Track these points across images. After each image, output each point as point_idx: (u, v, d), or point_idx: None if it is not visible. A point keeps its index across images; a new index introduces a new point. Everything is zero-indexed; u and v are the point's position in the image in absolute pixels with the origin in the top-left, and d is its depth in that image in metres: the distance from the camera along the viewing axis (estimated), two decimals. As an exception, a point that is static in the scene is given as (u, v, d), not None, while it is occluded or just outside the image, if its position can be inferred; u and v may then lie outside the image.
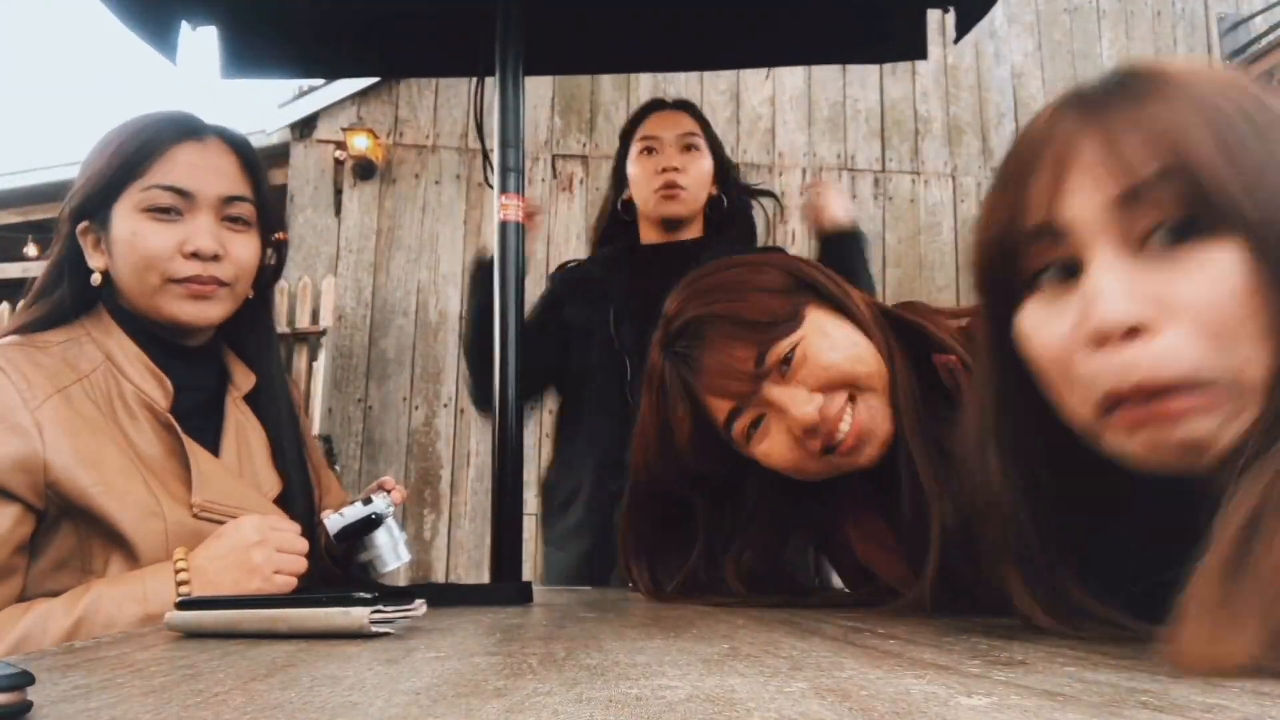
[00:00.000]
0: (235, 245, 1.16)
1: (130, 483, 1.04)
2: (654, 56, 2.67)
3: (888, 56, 2.41)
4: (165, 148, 1.13)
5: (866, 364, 0.94)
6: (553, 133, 5.28)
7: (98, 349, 1.12)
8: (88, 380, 1.08)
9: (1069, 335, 0.57)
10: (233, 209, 1.16)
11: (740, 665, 0.52)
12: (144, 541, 1.03)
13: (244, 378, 1.25)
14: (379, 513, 1.22)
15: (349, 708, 0.42)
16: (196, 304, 1.14)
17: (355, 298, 5.00)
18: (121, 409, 1.09)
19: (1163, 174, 0.54)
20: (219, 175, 1.15)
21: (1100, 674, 0.47)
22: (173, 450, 1.10)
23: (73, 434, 1.02)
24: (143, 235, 1.11)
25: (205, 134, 1.16)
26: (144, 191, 1.11)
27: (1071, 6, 5.84)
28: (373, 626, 0.70)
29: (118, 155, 1.12)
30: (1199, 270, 0.53)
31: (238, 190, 1.16)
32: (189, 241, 1.11)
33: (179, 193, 1.12)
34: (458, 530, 4.89)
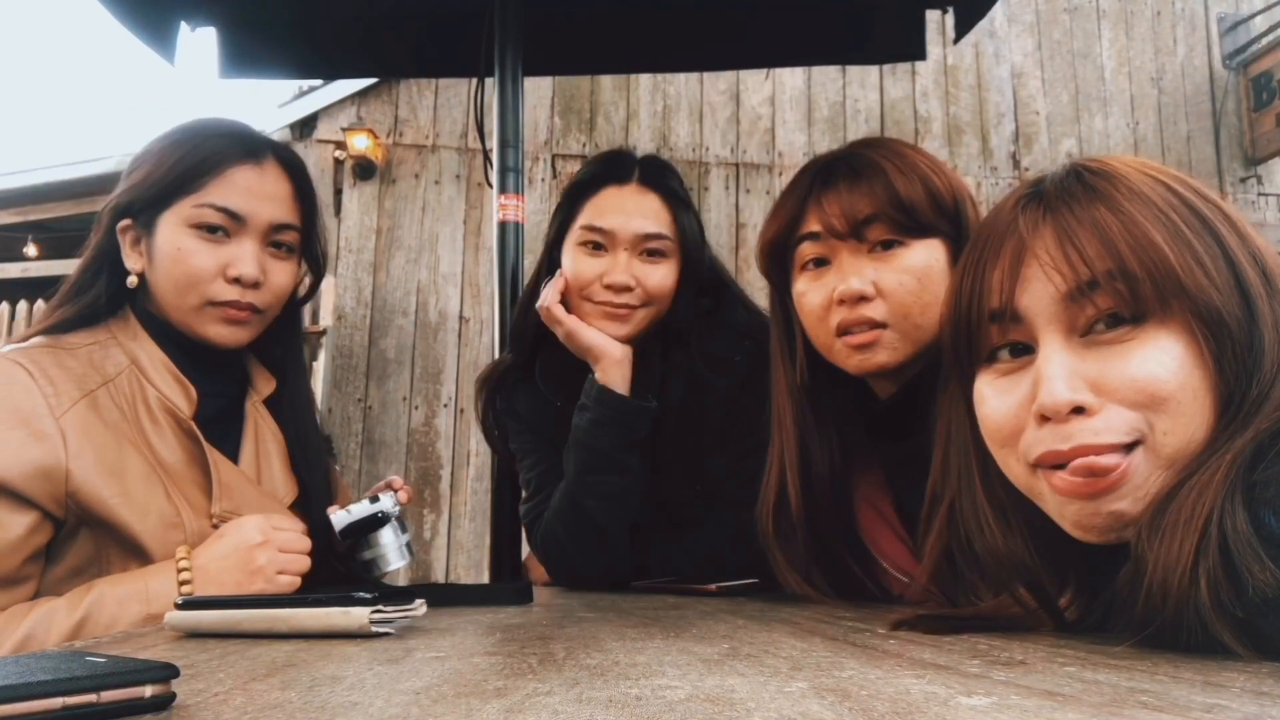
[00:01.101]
0: (276, 272, 1.16)
1: (151, 493, 1.04)
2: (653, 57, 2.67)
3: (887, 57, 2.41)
4: (224, 167, 1.12)
5: (927, 311, 1.00)
6: (553, 133, 5.28)
7: (124, 353, 1.12)
8: (113, 384, 1.08)
9: (1017, 409, 0.67)
10: (280, 236, 1.16)
11: (740, 665, 0.52)
12: (163, 552, 1.03)
13: (265, 382, 1.25)
14: (385, 511, 1.22)
15: (349, 708, 0.42)
16: (230, 328, 1.14)
17: (355, 298, 5.00)
18: (145, 414, 1.09)
19: (1107, 274, 0.63)
20: (273, 202, 1.15)
21: (1100, 674, 0.47)
22: (194, 457, 1.10)
23: (96, 442, 1.02)
24: (188, 252, 1.11)
25: (264, 157, 1.16)
26: (197, 208, 1.11)
27: (1071, 6, 5.84)
28: (373, 626, 0.70)
29: (178, 164, 1.12)
30: (1136, 354, 0.62)
31: (288, 218, 1.17)
32: (233, 265, 1.12)
33: (232, 215, 1.12)
34: (458, 530, 4.89)
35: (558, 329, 1.39)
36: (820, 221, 1.03)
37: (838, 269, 1.02)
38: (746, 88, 5.48)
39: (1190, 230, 0.64)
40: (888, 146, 1.06)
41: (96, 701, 0.41)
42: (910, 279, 1.00)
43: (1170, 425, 0.62)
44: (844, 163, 1.04)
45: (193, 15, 2.02)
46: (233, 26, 2.10)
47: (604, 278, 1.37)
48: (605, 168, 1.44)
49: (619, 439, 1.35)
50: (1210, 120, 5.82)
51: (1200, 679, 0.45)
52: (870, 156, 1.03)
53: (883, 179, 1.01)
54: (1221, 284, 0.62)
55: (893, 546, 1.06)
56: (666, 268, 1.40)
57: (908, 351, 1.01)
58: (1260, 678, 0.46)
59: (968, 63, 5.63)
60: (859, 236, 1.01)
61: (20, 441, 0.99)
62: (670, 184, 1.44)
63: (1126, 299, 0.63)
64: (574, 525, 1.38)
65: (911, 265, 1.00)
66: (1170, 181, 0.67)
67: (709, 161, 5.39)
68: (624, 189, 1.41)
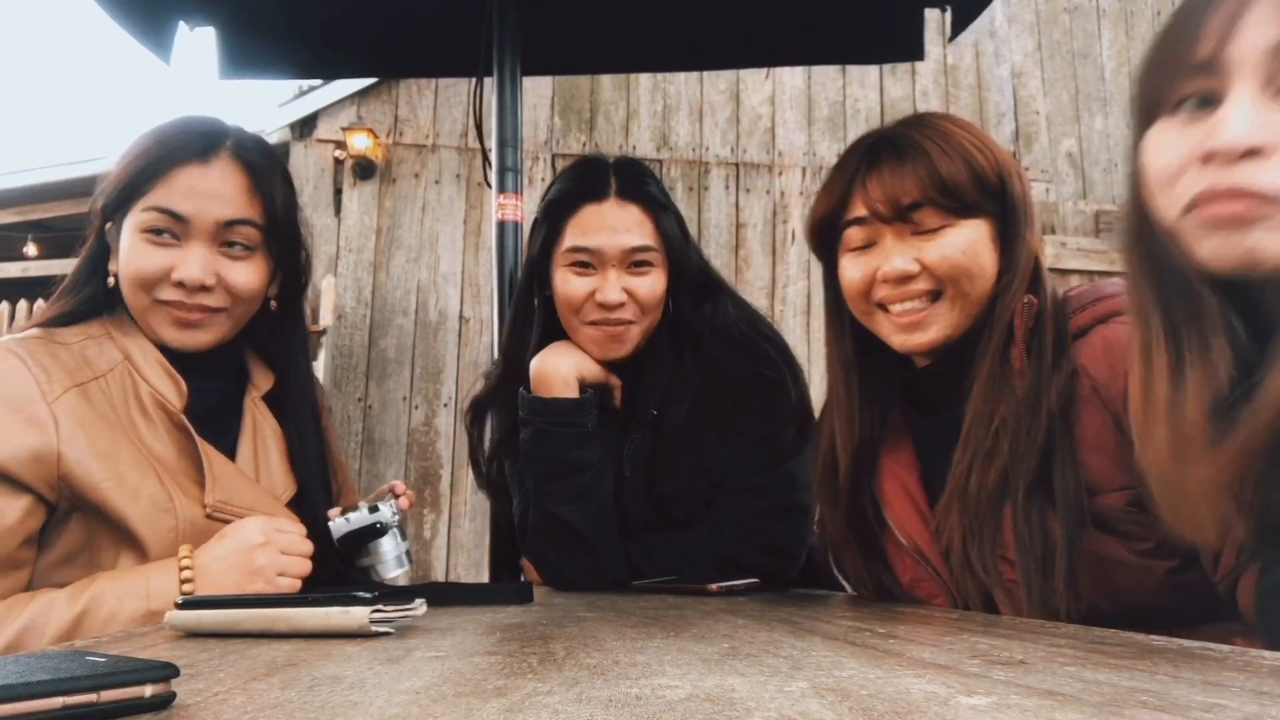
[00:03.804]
0: (233, 272, 1.13)
1: (143, 479, 1.04)
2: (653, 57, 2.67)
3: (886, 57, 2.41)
4: (171, 168, 1.11)
5: (974, 287, 1.01)
6: (553, 132, 5.28)
7: (116, 348, 1.12)
8: (105, 379, 1.09)
9: (1185, 155, 0.64)
10: (232, 234, 1.13)
11: (740, 665, 0.52)
12: (153, 537, 1.03)
13: (264, 378, 1.25)
14: (384, 522, 1.22)
15: (349, 708, 0.42)
16: (183, 330, 1.13)
17: (355, 297, 5.00)
18: (137, 409, 1.09)
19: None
20: (219, 201, 1.12)
21: (1100, 674, 0.47)
22: (186, 451, 1.10)
23: (88, 428, 1.03)
24: (137, 254, 1.11)
25: (213, 154, 1.13)
26: (144, 212, 1.11)
27: (1071, 6, 5.84)
28: (373, 626, 0.70)
29: (132, 166, 1.12)
30: (952, 239, 0.59)
31: (240, 214, 1.13)
32: (177, 269, 1.10)
33: (174, 217, 1.10)
34: (457, 530, 4.90)
35: None
36: (866, 205, 1.04)
37: (882, 250, 1.04)
38: (746, 88, 5.48)
39: None
40: (933, 125, 1.06)
41: (96, 701, 0.41)
42: (955, 252, 1.01)
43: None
44: (889, 143, 1.05)
45: (192, 15, 2.02)
46: (232, 27, 2.10)
47: (596, 295, 1.37)
48: (581, 183, 1.42)
49: (566, 440, 1.36)
50: (1210, 120, 5.81)
51: (1200, 679, 0.45)
52: (914, 137, 1.04)
53: (926, 161, 1.01)
54: None
55: (912, 523, 1.08)
56: (655, 276, 1.40)
57: (957, 323, 1.02)
58: (1260, 677, 0.46)
59: (968, 62, 5.63)
60: (904, 219, 1.02)
61: (13, 427, 0.99)
62: (648, 190, 1.43)
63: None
64: (553, 536, 1.38)
65: (956, 242, 1.01)
66: None
67: (709, 161, 5.39)
68: (603, 205, 1.39)
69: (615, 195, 1.39)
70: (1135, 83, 0.73)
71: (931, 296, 1.02)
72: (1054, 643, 0.60)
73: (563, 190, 1.43)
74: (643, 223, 1.39)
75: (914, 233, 1.02)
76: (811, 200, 1.19)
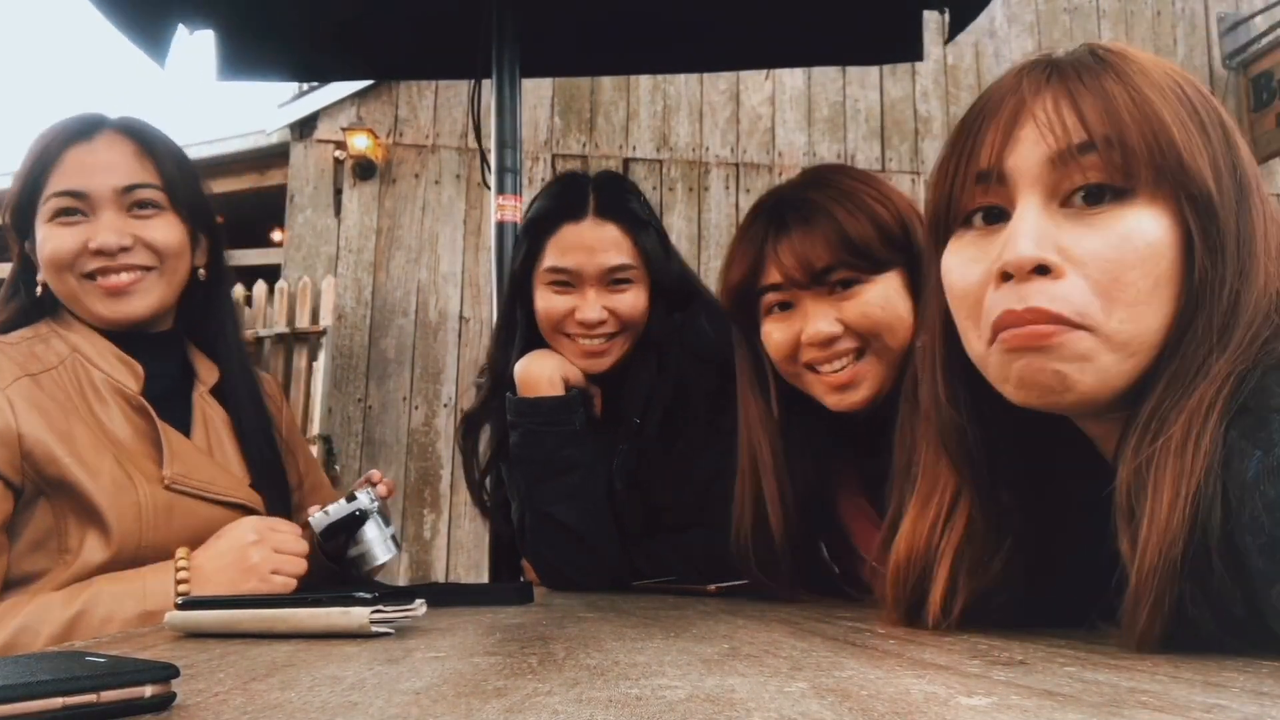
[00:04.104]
0: (147, 230, 1.15)
1: (101, 459, 1.05)
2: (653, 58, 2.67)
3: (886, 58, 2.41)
4: (56, 155, 1.14)
5: (895, 338, 1.04)
6: (553, 133, 5.28)
7: (64, 343, 1.13)
8: (56, 371, 1.10)
9: (984, 276, 0.65)
10: (136, 196, 1.15)
11: (740, 665, 0.52)
12: (117, 512, 1.03)
13: (208, 371, 1.26)
14: (363, 509, 1.23)
15: (349, 708, 0.42)
16: (116, 299, 1.14)
17: (355, 298, 5.00)
18: (92, 395, 1.10)
19: (1105, 139, 0.61)
20: (111, 170, 1.14)
21: (1100, 674, 0.47)
22: (143, 432, 1.11)
23: (43, 411, 1.04)
24: (51, 240, 1.12)
25: (95, 131, 1.16)
26: (46, 202, 1.13)
27: (1071, 6, 5.84)
28: (373, 626, 0.70)
29: (26, 171, 1.14)
30: (1111, 231, 0.60)
31: (137, 178, 1.15)
32: (92, 239, 1.12)
33: (75, 195, 1.13)
34: (457, 530, 4.90)
35: None
36: (780, 272, 1.06)
37: (801, 313, 1.07)
38: (746, 88, 5.48)
39: (1192, 121, 0.62)
40: (834, 185, 1.08)
41: (96, 701, 0.41)
42: (874, 309, 1.05)
43: (1125, 314, 0.60)
44: (793, 208, 1.07)
45: (191, 18, 2.02)
46: (231, 29, 2.10)
47: (575, 314, 1.37)
48: (560, 201, 1.43)
49: (555, 439, 1.36)
50: (1210, 120, 5.81)
51: (1200, 679, 0.45)
52: (818, 200, 1.07)
53: (833, 223, 1.04)
54: (1212, 176, 0.61)
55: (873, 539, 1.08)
56: (635, 293, 1.40)
57: (885, 377, 1.05)
58: (1260, 678, 0.46)
59: (968, 63, 5.63)
60: (819, 282, 1.06)
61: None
62: (628, 206, 1.42)
63: (1119, 168, 0.61)
64: (549, 537, 1.38)
65: (872, 299, 1.05)
66: (1179, 78, 0.65)
67: (709, 161, 5.39)
68: (581, 225, 1.39)
69: (594, 214, 1.39)
70: (928, 192, 0.73)
71: (857, 354, 1.05)
72: (1054, 643, 0.60)
73: (542, 209, 1.44)
74: (621, 241, 1.39)
75: (830, 293, 1.06)
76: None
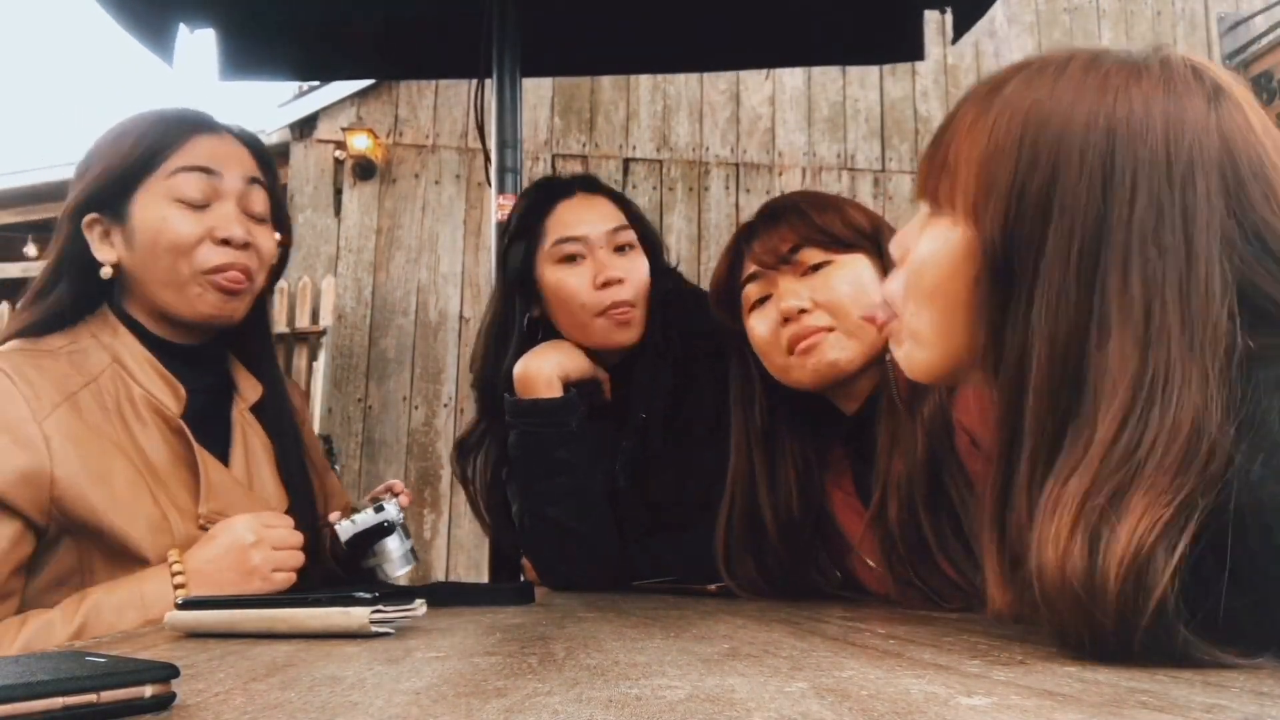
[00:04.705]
0: (260, 236, 1.15)
1: (138, 499, 1.02)
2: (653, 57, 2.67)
3: (886, 57, 2.42)
4: (186, 137, 1.13)
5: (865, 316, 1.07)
6: (553, 133, 5.28)
7: (105, 351, 1.09)
8: (96, 384, 1.06)
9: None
10: (254, 194, 1.15)
11: (740, 665, 0.52)
12: (155, 553, 1.01)
13: (250, 388, 1.23)
14: (391, 520, 1.21)
15: (349, 708, 0.42)
16: (225, 299, 1.12)
17: (355, 298, 5.00)
18: (130, 413, 1.07)
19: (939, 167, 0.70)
20: (239, 161, 1.15)
21: (1100, 674, 0.47)
22: (181, 457, 1.08)
23: (81, 447, 1.00)
24: (172, 220, 1.09)
25: (223, 129, 1.17)
26: (170, 177, 1.10)
27: (1071, 6, 5.84)
28: (373, 626, 0.70)
29: (137, 147, 1.11)
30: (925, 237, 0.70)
31: (258, 174, 1.17)
32: (218, 229, 1.10)
33: (206, 171, 1.11)
34: (457, 530, 4.89)
35: None
36: (754, 261, 1.13)
37: (777, 296, 1.12)
38: (746, 88, 5.48)
39: None
40: (807, 193, 1.20)
41: (96, 701, 0.41)
42: (844, 285, 1.09)
43: None
44: (761, 213, 1.17)
45: (192, 17, 2.03)
46: (232, 28, 2.10)
47: (596, 279, 1.38)
48: (546, 190, 1.48)
49: (552, 440, 1.35)
50: (1210, 120, 5.81)
51: (1200, 679, 0.45)
52: (784, 202, 1.17)
53: (800, 214, 1.12)
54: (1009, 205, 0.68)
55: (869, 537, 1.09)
56: (640, 259, 1.43)
57: (856, 350, 1.08)
58: (1260, 678, 0.46)
59: (968, 63, 5.62)
60: (789, 263, 1.11)
61: (3, 448, 0.96)
62: (609, 188, 1.49)
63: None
64: (547, 537, 1.38)
65: (843, 276, 1.10)
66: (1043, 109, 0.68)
67: (709, 161, 5.39)
68: (573, 200, 1.44)
69: (581, 192, 1.45)
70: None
71: (829, 332, 1.09)
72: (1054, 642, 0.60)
73: (531, 202, 1.48)
74: (614, 211, 1.45)
75: (802, 274, 1.11)
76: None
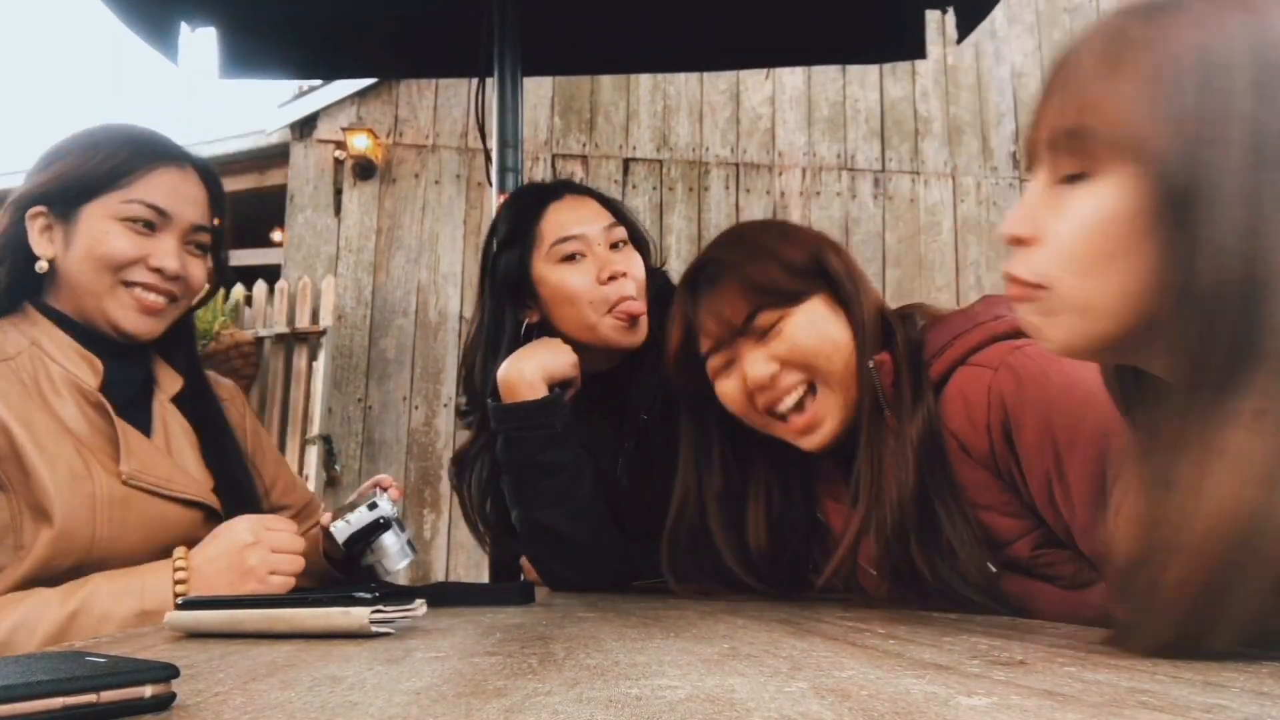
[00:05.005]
0: (193, 267, 1.22)
1: (60, 446, 1.05)
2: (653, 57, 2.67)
3: (886, 57, 2.42)
4: (152, 166, 1.18)
5: (833, 361, 1.06)
6: (553, 133, 5.28)
7: (23, 337, 1.13)
8: (13, 363, 1.10)
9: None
10: (197, 236, 1.22)
11: (740, 665, 0.52)
12: (68, 506, 1.02)
13: (170, 381, 1.26)
14: (386, 516, 1.21)
15: (349, 708, 0.42)
16: (144, 318, 1.17)
17: (355, 298, 5.00)
18: (49, 389, 1.10)
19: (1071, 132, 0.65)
20: (194, 204, 1.21)
21: (1100, 674, 0.47)
22: (100, 429, 1.11)
23: (4, 398, 1.04)
24: (113, 236, 1.14)
25: (185, 162, 1.22)
26: (125, 203, 1.15)
27: (1071, 6, 5.84)
28: (373, 626, 0.70)
29: (105, 161, 1.15)
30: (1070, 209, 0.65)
31: (205, 221, 1.23)
32: (154, 257, 1.16)
33: (159, 211, 1.17)
34: (458, 530, 4.89)
35: None
36: (710, 336, 1.11)
37: (739, 364, 1.10)
38: (746, 88, 5.48)
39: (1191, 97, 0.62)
40: (738, 239, 1.17)
41: (96, 701, 0.41)
42: (801, 338, 1.07)
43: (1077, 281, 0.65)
44: (704, 273, 1.13)
45: (193, 15, 2.03)
46: (232, 27, 2.10)
47: (601, 274, 1.37)
48: (534, 194, 1.48)
49: (536, 443, 1.34)
50: (1210, 120, 5.81)
51: (1200, 679, 0.45)
52: (724, 259, 1.13)
53: (739, 276, 1.09)
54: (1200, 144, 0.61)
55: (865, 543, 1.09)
56: (636, 255, 1.43)
57: (843, 405, 1.07)
58: (1260, 678, 0.46)
59: (968, 63, 5.62)
60: (746, 333, 1.09)
61: None
62: (592, 189, 1.49)
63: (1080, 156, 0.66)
64: (541, 542, 1.38)
65: (798, 328, 1.07)
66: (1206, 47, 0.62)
67: (709, 161, 5.39)
68: (563, 201, 1.43)
69: (568, 193, 1.45)
70: None
71: (808, 387, 1.07)
72: (1054, 643, 0.60)
73: (518, 207, 1.48)
74: (603, 210, 1.45)
75: (761, 339, 1.08)
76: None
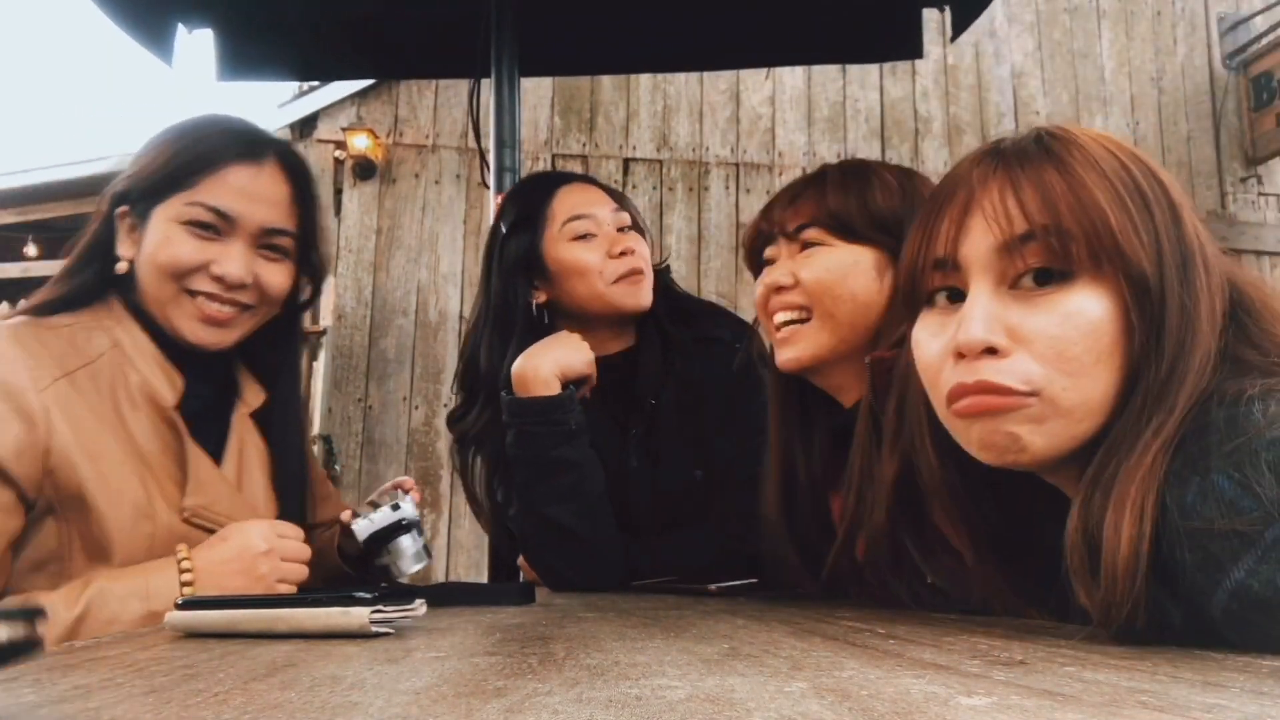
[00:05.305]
0: (267, 272, 1.14)
1: (126, 481, 1.02)
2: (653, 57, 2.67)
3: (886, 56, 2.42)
4: (220, 166, 1.10)
5: (838, 308, 1.07)
6: (553, 133, 5.28)
7: (106, 336, 1.09)
8: (93, 366, 1.06)
9: (943, 351, 0.71)
10: (273, 240, 1.14)
11: (740, 665, 0.52)
12: (127, 545, 1.01)
13: (254, 394, 1.22)
14: (408, 519, 1.20)
15: (349, 708, 0.42)
16: (209, 327, 1.11)
17: (355, 298, 5.00)
18: (124, 398, 1.07)
19: (1043, 229, 0.66)
20: (266, 205, 1.12)
21: (1100, 674, 0.47)
22: (170, 448, 1.08)
23: (76, 423, 1.01)
24: (175, 243, 1.09)
25: (264, 157, 1.13)
26: (188, 205, 1.09)
27: (1071, 6, 5.84)
28: (373, 626, 0.70)
29: (174, 159, 1.10)
30: (1055, 311, 0.66)
31: (282, 223, 1.14)
32: (217, 263, 1.09)
33: (221, 215, 1.10)
34: (458, 530, 4.89)
35: None
36: (767, 222, 1.14)
37: (772, 267, 1.13)
38: (746, 88, 5.48)
39: (1133, 202, 0.67)
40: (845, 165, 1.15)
41: None
42: (827, 273, 1.08)
43: (1069, 383, 0.65)
44: (807, 177, 1.15)
45: (190, 17, 2.03)
46: (230, 28, 2.10)
47: (612, 249, 1.39)
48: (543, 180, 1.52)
49: (549, 439, 1.34)
50: (1210, 120, 5.81)
51: (1200, 679, 0.45)
52: (825, 172, 1.13)
53: (821, 190, 1.10)
54: (1150, 256, 0.66)
55: None
56: (642, 240, 1.46)
57: (825, 343, 1.08)
58: (1260, 678, 0.46)
59: (968, 63, 5.62)
60: (791, 238, 1.11)
61: (2, 416, 0.97)
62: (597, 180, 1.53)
63: (1057, 254, 0.66)
64: (546, 538, 1.38)
65: (831, 262, 1.08)
66: (1125, 157, 0.69)
67: (709, 161, 5.39)
68: (573, 185, 1.46)
69: (577, 181, 1.49)
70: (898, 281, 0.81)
71: (803, 313, 1.09)
72: (1054, 643, 0.60)
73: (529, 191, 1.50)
74: (608, 198, 1.48)
75: (799, 250, 1.10)
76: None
